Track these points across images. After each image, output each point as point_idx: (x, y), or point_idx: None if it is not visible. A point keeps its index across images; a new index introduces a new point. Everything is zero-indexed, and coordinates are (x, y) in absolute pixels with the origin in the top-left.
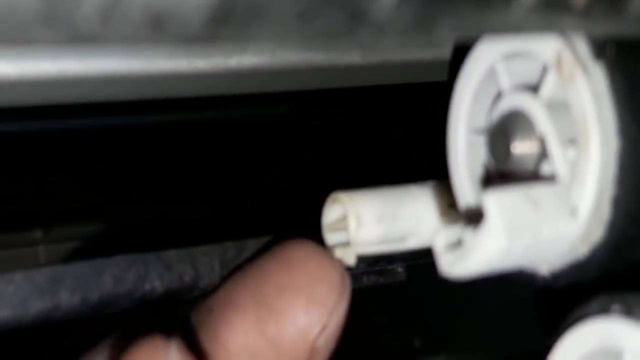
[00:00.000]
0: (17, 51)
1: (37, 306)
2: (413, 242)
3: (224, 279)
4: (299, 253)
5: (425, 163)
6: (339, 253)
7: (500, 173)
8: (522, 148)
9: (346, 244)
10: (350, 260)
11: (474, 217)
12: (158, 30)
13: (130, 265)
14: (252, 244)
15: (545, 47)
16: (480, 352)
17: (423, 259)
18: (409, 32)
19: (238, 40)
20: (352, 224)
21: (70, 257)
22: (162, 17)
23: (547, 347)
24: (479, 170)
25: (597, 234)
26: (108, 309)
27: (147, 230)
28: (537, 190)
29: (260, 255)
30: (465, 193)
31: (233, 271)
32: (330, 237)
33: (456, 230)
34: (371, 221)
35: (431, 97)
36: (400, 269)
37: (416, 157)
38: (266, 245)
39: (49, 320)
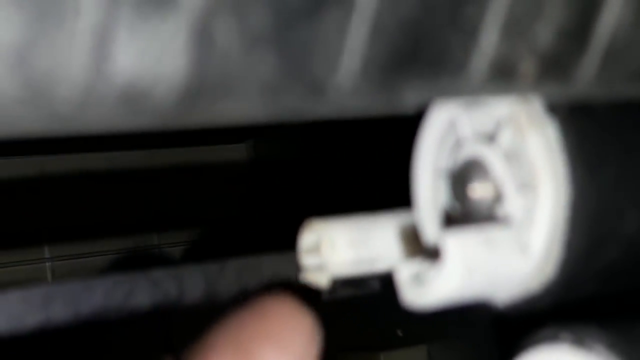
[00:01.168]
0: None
1: (32, 320)
2: (382, 266)
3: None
4: (274, 305)
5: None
6: (313, 276)
7: (460, 212)
8: (479, 192)
9: (320, 267)
10: (324, 282)
11: (435, 253)
12: (133, 111)
13: (119, 283)
14: (232, 264)
15: (502, 104)
16: (458, 341)
17: None
18: (370, 101)
19: (208, 116)
20: (325, 248)
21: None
22: (136, 99)
23: None
24: (440, 209)
25: (549, 271)
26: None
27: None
28: (492, 232)
29: (241, 306)
30: (428, 229)
31: (216, 317)
32: (305, 260)
33: (416, 264)
34: (343, 246)
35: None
36: (374, 282)
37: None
38: (245, 293)
39: (43, 334)
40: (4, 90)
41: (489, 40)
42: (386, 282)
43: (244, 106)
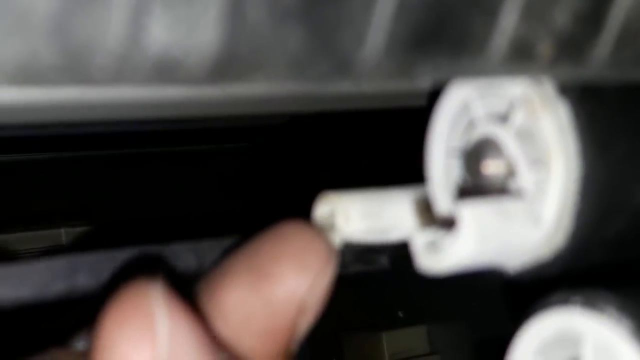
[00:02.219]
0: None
1: (56, 288)
2: (395, 236)
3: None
4: (290, 229)
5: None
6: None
7: (473, 187)
8: (492, 168)
9: (334, 231)
10: (336, 243)
11: (449, 223)
12: (166, 80)
13: (142, 254)
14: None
15: (515, 86)
16: (455, 322)
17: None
18: (391, 78)
19: (238, 88)
20: (340, 219)
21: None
22: (169, 68)
23: (512, 333)
24: (453, 184)
25: (559, 240)
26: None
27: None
28: (505, 203)
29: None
30: (441, 202)
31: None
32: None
33: (432, 233)
34: (357, 216)
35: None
36: (384, 258)
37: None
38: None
39: (67, 301)
40: (41, 57)
41: (508, 21)
42: (395, 259)
43: (273, 79)
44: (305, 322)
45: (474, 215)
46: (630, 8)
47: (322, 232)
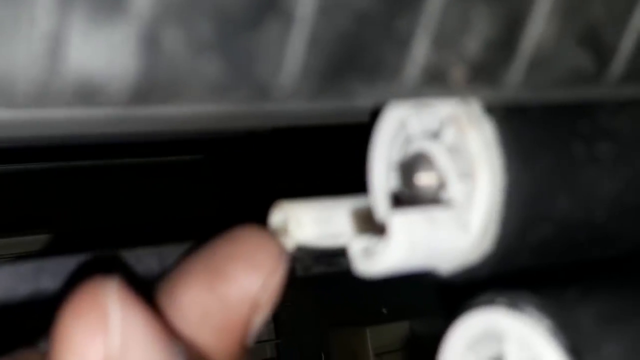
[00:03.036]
0: None
1: (23, 290)
2: (343, 241)
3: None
4: (243, 232)
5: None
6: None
7: (408, 197)
8: (424, 180)
9: (288, 236)
10: (289, 246)
11: (384, 229)
12: (88, 106)
13: (104, 258)
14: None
15: (445, 106)
16: (437, 317)
17: None
18: (312, 104)
19: (161, 114)
20: (292, 225)
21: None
22: (90, 95)
23: (443, 332)
24: (390, 194)
25: (486, 246)
26: None
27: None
28: (435, 212)
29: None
30: (379, 211)
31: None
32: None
33: (368, 239)
34: (308, 223)
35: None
36: (344, 260)
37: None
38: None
39: (33, 303)
40: None
41: (420, 50)
42: None
43: (194, 107)
44: (259, 319)
45: (404, 223)
46: (541, 35)
47: (273, 235)
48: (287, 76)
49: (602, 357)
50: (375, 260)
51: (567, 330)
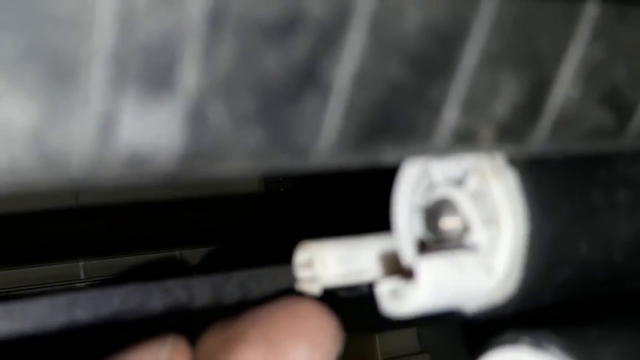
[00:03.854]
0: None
1: (58, 321)
2: (366, 278)
3: (237, 315)
4: (305, 307)
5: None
6: (307, 286)
7: (433, 241)
8: (449, 224)
9: (313, 279)
10: (316, 291)
11: (410, 273)
12: (136, 175)
13: (135, 290)
14: (236, 276)
15: (469, 156)
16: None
17: None
18: (347, 162)
19: (204, 176)
20: (318, 264)
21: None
22: (139, 165)
23: None
24: (416, 237)
25: (510, 288)
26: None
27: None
28: (460, 257)
29: (269, 303)
30: (405, 253)
31: (246, 309)
32: (300, 273)
33: (395, 281)
34: (333, 262)
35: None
36: (364, 287)
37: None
38: (268, 296)
39: (68, 334)
40: (20, 161)
41: (450, 115)
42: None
43: (236, 169)
44: None
45: (430, 268)
46: (565, 98)
47: (329, 312)
48: (324, 142)
49: None
50: (403, 302)
51: None
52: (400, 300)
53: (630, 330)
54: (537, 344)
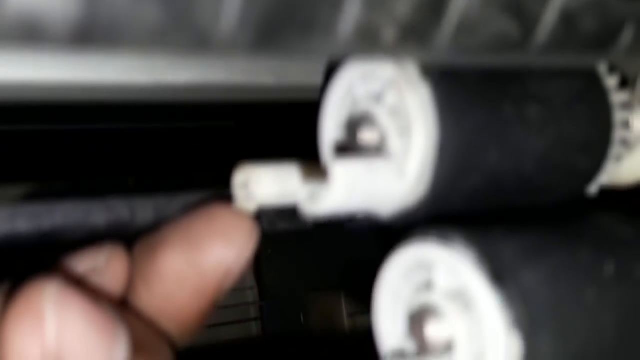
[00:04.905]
0: None
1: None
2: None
3: (161, 225)
4: (221, 210)
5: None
6: (243, 204)
7: (351, 150)
8: (367, 136)
9: (249, 198)
10: (251, 209)
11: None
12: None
13: (77, 205)
14: (181, 198)
15: (386, 70)
16: None
17: None
18: (251, 52)
19: (104, 53)
20: (253, 184)
21: None
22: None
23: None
24: (336, 147)
25: (421, 191)
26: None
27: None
28: (374, 162)
29: (189, 210)
30: (326, 161)
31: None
32: (238, 193)
33: (314, 186)
34: (268, 182)
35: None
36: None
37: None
38: (193, 202)
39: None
40: None
41: (352, 9)
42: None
43: (136, 46)
44: (230, 283)
45: (344, 169)
46: (467, 3)
47: (245, 213)
48: (225, 26)
49: (520, 283)
50: (319, 202)
51: (490, 260)
52: (316, 201)
53: (531, 231)
54: (443, 236)
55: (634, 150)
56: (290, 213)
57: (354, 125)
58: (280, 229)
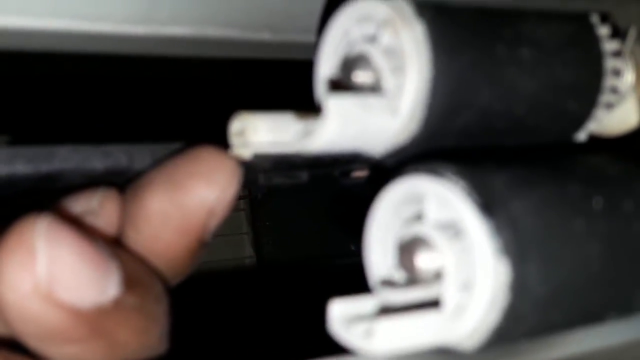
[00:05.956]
0: None
1: None
2: (297, 147)
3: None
4: (204, 151)
5: None
6: (239, 151)
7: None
8: (362, 77)
9: (245, 145)
10: (247, 156)
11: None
12: None
13: (75, 150)
14: (177, 146)
15: (381, 10)
16: None
17: (321, 169)
18: None
19: None
20: (249, 131)
21: None
22: None
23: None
24: (331, 85)
25: (413, 128)
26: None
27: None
28: (368, 98)
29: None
30: (321, 97)
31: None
32: (234, 140)
33: (309, 124)
34: (264, 130)
35: None
36: (303, 174)
37: None
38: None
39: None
40: None
41: None
42: (313, 174)
43: None
44: (214, 223)
45: (338, 103)
46: None
47: (229, 154)
48: None
49: (509, 212)
50: (312, 137)
51: (479, 190)
52: (310, 137)
53: (521, 165)
54: (433, 170)
55: (624, 100)
56: (286, 166)
57: (349, 66)
58: (276, 183)
